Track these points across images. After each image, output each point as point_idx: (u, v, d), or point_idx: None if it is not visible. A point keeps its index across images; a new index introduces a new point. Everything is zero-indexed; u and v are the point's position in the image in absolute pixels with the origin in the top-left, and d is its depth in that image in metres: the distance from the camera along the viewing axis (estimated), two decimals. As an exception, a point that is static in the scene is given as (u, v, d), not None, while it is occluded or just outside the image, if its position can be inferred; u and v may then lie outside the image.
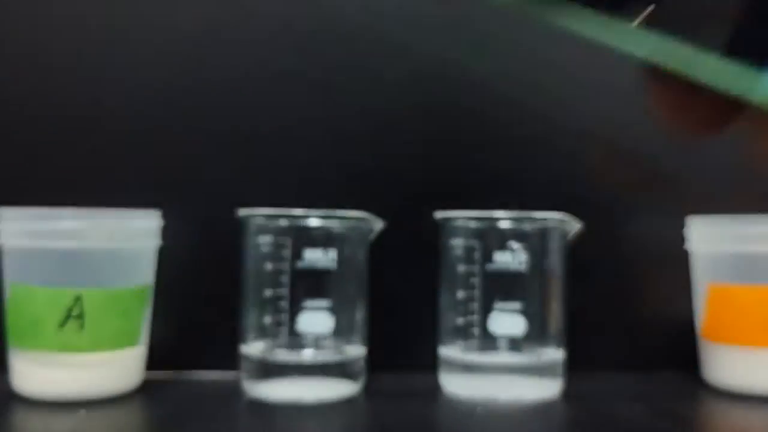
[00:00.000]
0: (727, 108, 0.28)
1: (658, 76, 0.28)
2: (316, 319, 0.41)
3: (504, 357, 0.42)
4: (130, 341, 0.41)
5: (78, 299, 0.39)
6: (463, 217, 0.43)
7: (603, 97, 0.49)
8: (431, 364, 0.45)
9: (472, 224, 0.43)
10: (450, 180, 0.49)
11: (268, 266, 0.41)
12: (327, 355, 0.42)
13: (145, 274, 0.42)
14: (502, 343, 0.42)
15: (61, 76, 0.47)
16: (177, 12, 0.47)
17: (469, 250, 0.42)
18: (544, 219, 0.42)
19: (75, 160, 0.46)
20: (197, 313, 0.47)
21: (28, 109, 0.46)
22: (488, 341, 0.42)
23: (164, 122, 0.47)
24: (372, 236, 0.43)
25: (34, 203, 0.40)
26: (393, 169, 0.48)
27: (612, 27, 0.24)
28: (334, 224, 0.42)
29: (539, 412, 0.39)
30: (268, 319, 0.41)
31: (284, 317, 0.41)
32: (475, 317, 0.42)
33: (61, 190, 0.46)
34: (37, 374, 0.39)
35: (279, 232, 0.41)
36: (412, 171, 0.48)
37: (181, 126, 0.47)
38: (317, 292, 0.41)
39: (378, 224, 0.43)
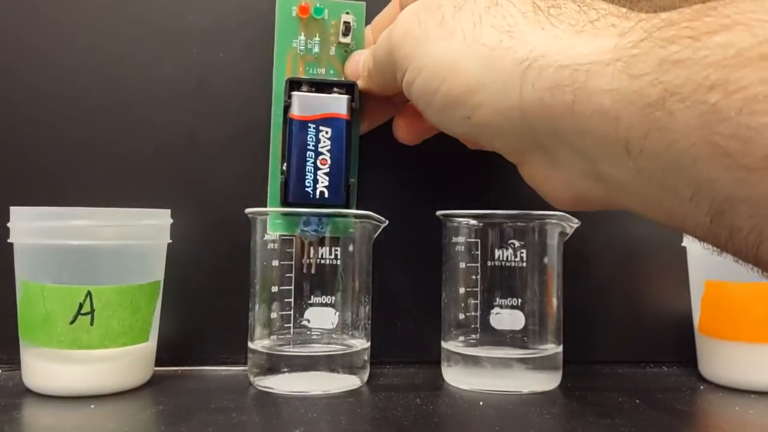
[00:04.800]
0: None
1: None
2: (321, 315, 0.42)
3: (504, 351, 0.42)
4: (140, 337, 0.41)
5: (88, 296, 0.39)
6: (464, 215, 0.43)
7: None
8: (434, 358, 0.46)
9: (474, 222, 0.43)
10: (452, 178, 0.49)
11: (275, 263, 0.42)
12: (332, 350, 0.42)
13: (155, 271, 0.43)
14: (503, 338, 0.43)
15: (73, 78, 0.47)
16: (183, 14, 0.48)
17: (470, 247, 0.43)
18: (544, 216, 0.42)
19: (86, 161, 0.47)
20: (207, 310, 0.47)
21: (40, 110, 0.47)
22: (489, 335, 0.43)
23: (174, 123, 0.47)
24: (376, 234, 0.44)
25: (45, 203, 0.41)
26: (396, 169, 0.49)
27: None
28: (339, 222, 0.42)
29: (538, 404, 0.40)
30: (275, 315, 0.42)
31: (291, 313, 0.42)
32: (477, 312, 0.43)
33: (72, 191, 0.46)
34: (48, 370, 0.40)
35: (286, 230, 0.42)
36: (414, 170, 0.49)
37: (190, 127, 0.47)
38: (323, 289, 0.42)
39: (382, 222, 0.43)
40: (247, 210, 0.43)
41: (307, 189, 0.40)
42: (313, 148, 0.40)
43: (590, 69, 0.25)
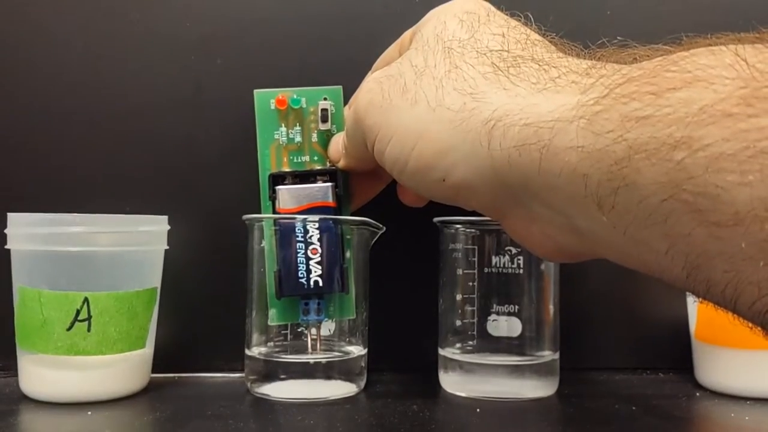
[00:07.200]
0: None
1: None
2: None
3: (501, 358, 0.42)
4: (137, 344, 0.41)
5: (86, 302, 0.39)
6: (462, 221, 0.43)
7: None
8: (431, 364, 0.46)
9: (471, 229, 0.43)
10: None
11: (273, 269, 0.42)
12: (329, 356, 0.42)
13: (153, 277, 0.43)
14: (500, 344, 0.43)
15: (70, 85, 0.47)
16: (181, 21, 0.48)
17: (467, 254, 0.43)
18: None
19: (84, 168, 0.47)
20: (204, 316, 0.47)
21: (37, 116, 0.47)
22: (486, 342, 0.43)
23: (171, 130, 0.47)
24: (373, 240, 0.44)
25: (42, 210, 0.41)
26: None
27: None
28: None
29: (535, 411, 0.40)
30: (272, 321, 0.42)
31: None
32: (474, 319, 0.43)
33: (70, 197, 0.46)
34: (45, 376, 0.40)
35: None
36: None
37: (187, 134, 0.48)
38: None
39: (379, 229, 0.43)
40: (245, 216, 0.43)
41: (301, 280, 0.40)
42: (302, 239, 0.40)
43: (554, 126, 0.25)
